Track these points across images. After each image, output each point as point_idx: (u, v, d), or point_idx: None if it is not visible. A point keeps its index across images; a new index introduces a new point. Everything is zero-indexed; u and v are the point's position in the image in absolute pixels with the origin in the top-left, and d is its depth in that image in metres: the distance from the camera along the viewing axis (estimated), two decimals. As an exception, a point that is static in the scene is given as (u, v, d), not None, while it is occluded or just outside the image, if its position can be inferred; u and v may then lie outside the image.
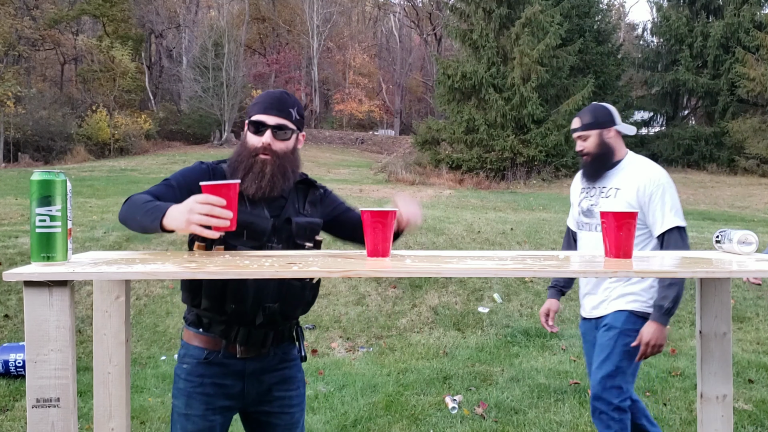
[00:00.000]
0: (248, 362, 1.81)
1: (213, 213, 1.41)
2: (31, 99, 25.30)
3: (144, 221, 1.52)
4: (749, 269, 1.25)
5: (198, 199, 1.42)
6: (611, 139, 2.56)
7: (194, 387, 1.79)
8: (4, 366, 4.11)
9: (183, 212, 1.43)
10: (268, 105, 1.77)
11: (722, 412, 1.57)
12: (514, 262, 1.36)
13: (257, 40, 41.06)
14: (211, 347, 1.79)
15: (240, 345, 1.78)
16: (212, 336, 1.79)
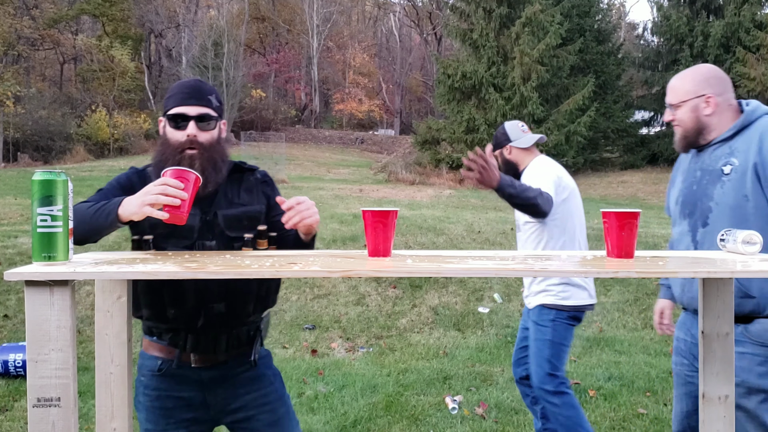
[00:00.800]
0: (204, 371, 1.70)
1: (166, 192, 1.38)
2: (31, 99, 25.30)
3: (98, 221, 1.47)
4: (753, 269, 1.24)
5: (155, 182, 1.41)
6: (511, 155, 2.87)
7: (152, 401, 1.71)
8: (4, 366, 4.11)
9: (138, 196, 1.41)
10: (186, 95, 1.67)
11: (724, 413, 1.57)
12: (515, 262, 1.36)
13: (257, 39, 41.06)
14: (165, 356, 1.70)
15: (191, 352, 1.68)
16: (165, 344, 1.70)
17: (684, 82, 2.03)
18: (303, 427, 3.44)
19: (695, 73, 2.03)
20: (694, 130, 2.00)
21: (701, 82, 1.99)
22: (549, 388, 2.67)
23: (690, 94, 2.00)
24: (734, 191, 1.86)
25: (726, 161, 1.91)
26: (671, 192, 2.18)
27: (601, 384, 4.15)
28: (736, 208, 1.86)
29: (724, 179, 1.90)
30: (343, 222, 8.56)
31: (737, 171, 1.87)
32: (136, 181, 1.71)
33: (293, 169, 20.49)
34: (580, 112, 20.05)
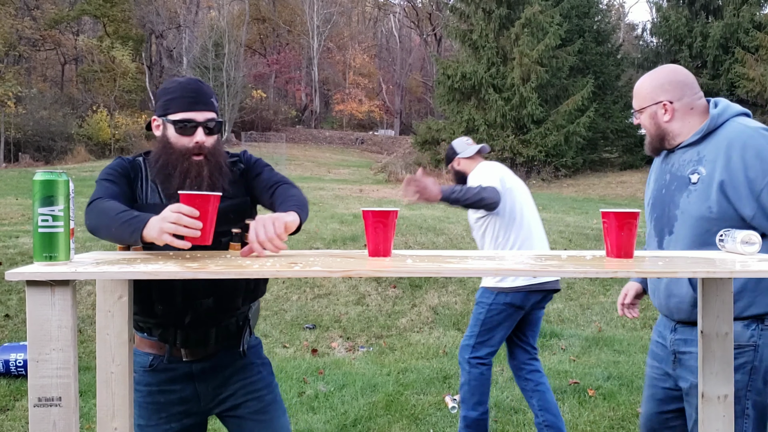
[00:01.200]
0: (194, 364, 1.72)
1: (181, 222, 1.34)
2: (32, 99, 25.33)
3: (122, 234, 1.43)
4: (752, 269, 1.25)
5: (171, 208, 1.36)
6: (459, 166, 3.21)
7: (143, 396, 1.71)
8: (5, 366, 4.11)
9: (157, 222, 1.36)
10: (192, 100, 1.64)
11: (723, 412, 1.57)
12: (515, 262, 1.36)
13: (257, 40, 41.07)
14: (156, 351, 1.71)
15: (181, 347, 1.69)
16: (155, 340, 1.71)
17: (642, 88, 2.00)
18: (303, 426, 3.44)
19: (652, 78, 1.99)
20: (657, 136, 1.98)
21: (656, 89, 1.95)
22: (465, 356, 3.05)
23: (647, 100, 1.97)
24: (699, 202, 1.82)
25: (693, 169, 1.87)
26: (647, 193, 2.16)
27: (600, 383, 4.16)
28: (699, 219, 1.83)
29: (690, 188, 1.86)
30: (343, 222, 8.56)
31: (704, 182, 1.83)
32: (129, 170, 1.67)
33: (293, 170, 20.51)
34: (580, 113, 20.06)
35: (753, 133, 1.81)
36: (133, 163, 1.71)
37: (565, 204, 14.12)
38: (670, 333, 2.00)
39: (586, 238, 8.20)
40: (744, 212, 1.78)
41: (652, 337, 2.16)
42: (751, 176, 1.76)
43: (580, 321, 5.70)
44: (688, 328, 1.94)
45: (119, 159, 1.73)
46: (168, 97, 1.66)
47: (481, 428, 3.09)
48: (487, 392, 3.08)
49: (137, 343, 1.74)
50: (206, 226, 1.38)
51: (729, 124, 1.86)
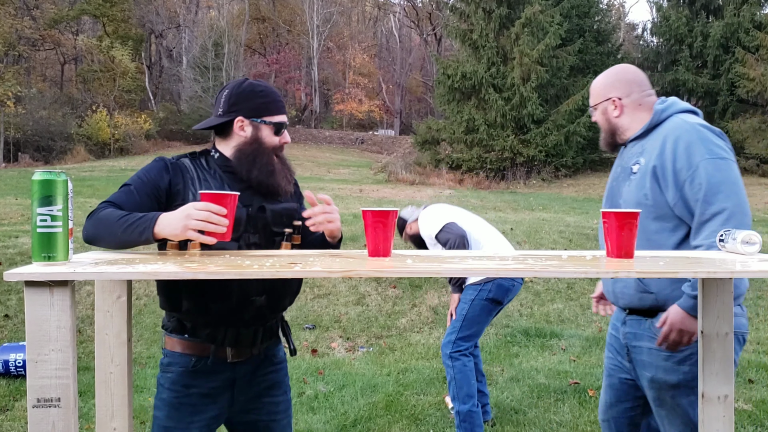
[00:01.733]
0: (238, 366, 1.74)
1: (211, 219, 1.40)
2: (31, 99, 25.33)
3: (129, 236, 1.46)
4: (752, 269, 1.24)
5: (197, 206, 1.41)
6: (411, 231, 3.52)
7: (179, 398, 1.70)
8: (4, 366, 4.11)
9: (179, 218, 1.41)
10: (282, 104, 1.81)
11: (724, 412, 1.57)
12: (515, 262, 1.36)
13: (257, 40, 41.07)
14: (198, 353, 1.70)
15: (230, 347, 1.71)
16: (199, 341, 1.70)
17: (596, 86, 2.11)
18: (303, 426, 3.44)
19: (605, 76, 2.10)
20: (608, 131, 2.09)
21: (607, 86, 2.07)
22: (447, 351, 3.25)
23: (600, 97, 2.08)
24: (636, 190, 1.93)
25: (636, 160, 1.98)
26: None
27: (600, 384, 4.15)
28: (636, 206, 1.90)
29: (631, 178, 1.97)
30: (343, 222, 8.55)
31: (641, 171, 1.93)
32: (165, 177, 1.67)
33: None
34: (580, 113, 20.05)
35: (689, 128, 1.89)
36: (177, 166, 1.71)
37: (565, 204, 14.12)
38: (622, 325, 2.07)
39: (586, 238, 8.19)
40: (669, 200, 1.87)
41: (608, 330, 2.24)
42: (678, 167, 1.85)
43: (581, 321, 5.70)
44: (637, 320, 1.99)
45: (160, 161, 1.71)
46: (262, 100, 1.76)
47: (475, 420, 3.15)
48: (473, 384, 3.24)
49: (171, 345, 1.73)
50: (230, 223, 1.45)
51: (672, 119, 1.96)
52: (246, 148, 1.74)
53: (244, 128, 1.75)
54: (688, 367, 1.88)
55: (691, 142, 1.86)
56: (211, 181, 1.71)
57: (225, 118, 1.74)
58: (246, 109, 1.74)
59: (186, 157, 1.76)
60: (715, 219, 1.78)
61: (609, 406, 2.18)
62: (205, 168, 1.73)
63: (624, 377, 2.11)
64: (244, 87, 1.76)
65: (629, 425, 2.17)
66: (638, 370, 2.01)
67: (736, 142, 21.23)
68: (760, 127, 20.59)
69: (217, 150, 1.78)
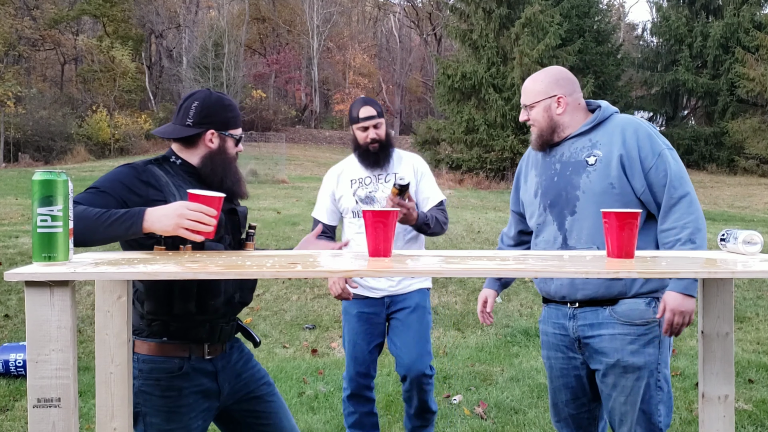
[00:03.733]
0: (215, 361, 1.83)
1: (203, 220, 1.49)
2: (32, 99, 25.32)
3: (115, 231, 1.49)
4: (753, 270, 1.24)
5: (190, 206, 1.50)
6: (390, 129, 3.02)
7: (175, 400, 1.74)
8: (4, 366, 4.11)
9: (171, 215, 1.48)
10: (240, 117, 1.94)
11: (724, 413, 1.57)
12: (515, 262, 1.36)
13: (257, 40, 41.07)
14: (179, 355, 1.75)
15: (208, 344, 1.79)
16: (178, 343, 1.75)
17: (536, 84, 2.15)
18: (303, 426, 3.44)
19: (546, 75, 2.15)
20: (549, 128, 2.13)
21: (551, 84, 2.12)
22: (429, 372, 2.79)
23: (542, 94, 2.12)
24: (600, 180, 2.00)
25: (589, 153, 2.05)
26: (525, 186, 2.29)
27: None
28: (602, 195, 1.99)
29: (589, 169, 2.03)
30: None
31: (602, 161, 2.02)
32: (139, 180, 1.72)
33: (293, 170, 20.51)
34: (580, 113, 20.03)
35: (640, 121, 2.08)
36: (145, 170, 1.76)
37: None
38: (570, 320, 2.11)
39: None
40: (635, 187, 1.98)
41: (543, 329, 2.27)
42: (642, 155, 1.98)
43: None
44: (592, 311, 2.05)
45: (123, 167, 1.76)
46: (230, 114, 1.88)
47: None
48: None
49: (149, 350, 1.73)
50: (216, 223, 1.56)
51: (616, 116, 2.11)
52: (216, 158, 1.85)
53: (213, 140, 1.86)
54: (652, 349, 1.98)
55: (650, 133, 2.02)
56: (185, 186, 1.77)
57: (196, 130, 1.82)
58: (217, 122, 1.85)
59: (151, 164, 1.81)
60: (682, 202, 1.95)
61: (564, 404, 2.22)
62: (171, 173, 1.81)
63: (578, 373, 2.16)
64: (213, 100, 1.86)
65: (589, 419, 2.22)
66: (596, 359, 2.05)
67: (736, 142, 21.27)
68: (760, 127, 20.61)
69: (178, 157, 1.86)
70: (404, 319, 2.79)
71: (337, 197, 2.85)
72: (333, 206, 2.87)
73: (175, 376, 1.74)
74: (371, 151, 2.73)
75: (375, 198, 2.79)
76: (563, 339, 2.16)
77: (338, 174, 2.88)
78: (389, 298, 2.82)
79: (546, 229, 2.15)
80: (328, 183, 2.89)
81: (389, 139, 2.80)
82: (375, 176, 2.81)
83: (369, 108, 2.73)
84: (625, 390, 2.00)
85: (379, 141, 2.73)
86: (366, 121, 2.72)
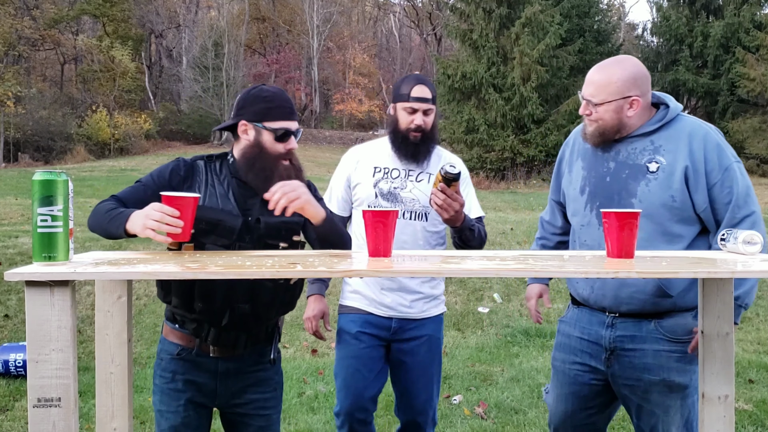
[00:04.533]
0: (221, 362, 1.81)
1: (164, 220, 1.46)
2: (31, 99, 25.32)
3: (110, 228, 1.58)
4: (753, 269, 1.24)
5: (154, 207, 1.48)
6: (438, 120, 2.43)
7: (167, 383, 1.80)
8: (4, 366, 4.10)
9: (141, 216, 1.49)
10: (288, 110, 1.77)
11: (724, 413, 1.57)
12: (515, 262, 1.36)
13: (257, 40, 41.06)
14: (185, 344, 1.80)
15: (212, 344, 1.78)
16: (186, 333, 1.79)
17: (611, 80, 1.88)
18: (303, 426, 3.44)
19: (623, 70, 1.88)
20: (613, 128, 1.90)
21: (629, 83, 1.86)
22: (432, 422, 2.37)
23: (616, 94, 1.87)
24: (661, 191, 1.82)
25: (651, 158, 1.86)
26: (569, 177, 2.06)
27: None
28: (661, 207, 1.83)
29: (649, 177, 1.85)
30: (343, 222, 8.55)
31: (665, 170, 1.83)
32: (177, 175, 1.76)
33: (293, 170, 20.46)
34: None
35: (709, 129, 1.88)
36: (192, 166, 1.79)
37: (565, 204, 14.10)
38: (606, 329, 1.94)
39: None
40: (697, 202, 1.81)
41: (565, 331, 2.08)
42: (708, 168, 1.81)
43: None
44: (632, 323, 1.89)
45: (176, 161, 1.81)
46: (265, 105, 1.76)
47: None
48: None
49: (166, 333, 1.84)
50: (186, 224, 1.49)
51: (683, 119, 1.90)
52: (248, 151, 1.76)
53: (247, 132, 1.77)
54: (696, 366, 1.84)
55: (719, 144, 1.85)
56: (218, 187, 1.76)
57: (232, 122, 1.79)
58: (249, 112, 1.76)
59: (202, 159, 1.82)
60: (745, 222, 1.79)
61: (571, 414, 2.05)
62: (216, 173, 1.78)
63: (593, 382, 1.99)
64: (252, 92, 1.80)
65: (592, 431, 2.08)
66: (633, 375, 1.89)
67: (736, 142, 21.24)
68: (760, 127, 20.60)
69: (233, 155, 1.82)
70: (414, 355, 2.28)
71: (353, 184, 2.32)
72: (347, 194, 2.34)
73: (173, 359, 1.80)
74: (411, 141, 2.22)
75: (400, 197, 2.26)
76: (590, 346, 1.97)
77: (359, 156, 2.36)
78: (398, 322, 2.27)
79: (589, 232, 1.96)
80: (345, 165, 2.37)
81: (435, 132, 2.29)
82: (406, 171, 2.29)
83: (424, 88, 2.22)
84: (670, 409, 1.88)
85: (423, 131, 2.23)
86: (418, 102, 2.20)
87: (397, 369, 2.31)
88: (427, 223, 2.28)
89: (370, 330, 2.27)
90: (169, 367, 1.80)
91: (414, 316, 2.28)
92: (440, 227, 2.31)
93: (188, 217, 1.50)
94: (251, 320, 1.77)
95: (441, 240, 2.35)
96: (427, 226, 2.28)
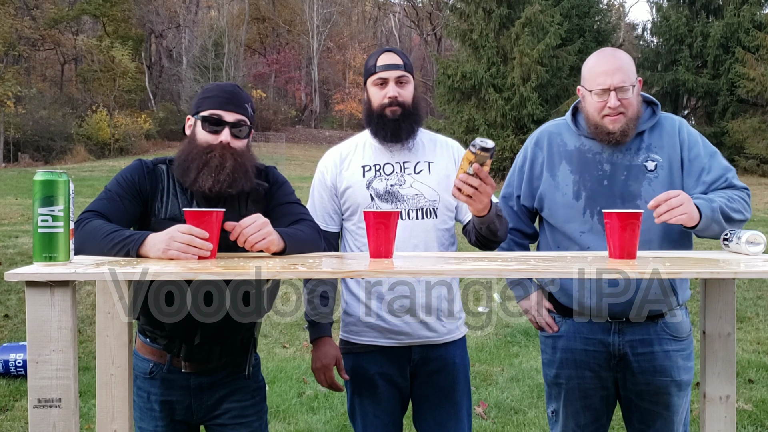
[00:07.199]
0: (193, 377, 1.72)
1: (193, 243, 1.36)
2: (31, 99, 25.33)
3: (113, 253, 1.42)
4: (756, 270, 1.24)
5: (181, 229, 1.37)
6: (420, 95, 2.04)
7: (144, 402, 1.73)
8: (4, 366, 4.10)
9: (163, 240, 1.37)
10: (225, 100, 1.63)
11: (725, 413, 1.57)
12: (515, 262, 1.36)
13: (257, 40, 41.06)
14: (156, 359, 1.71)
15: (184, 360, 1.70)
16: (158, 348, 1.71)
17: (626, 61, 1.78)
18: (303, 426, 3.44)
19: (625, 54, 1.83)
20: (634, 119, 1.79)
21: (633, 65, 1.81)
22: None
23: (632, 77, 1.78)
24: (664, 188, 1.75)
25: (646, 157, 1.82)
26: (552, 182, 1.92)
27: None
28: None
29: (650, 176, 1.80)
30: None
31: (663, 168, 1.81)
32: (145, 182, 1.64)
33: (293, 170, 20.51)
34: (580, 113, 20.03)
35: (680, 118, 1.90)
36: (154, 171, 1.67)
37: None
38: (612, 336, 1.86)
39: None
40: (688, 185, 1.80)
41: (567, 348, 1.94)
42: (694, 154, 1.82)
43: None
44: (639, 326, 1.85)
45: (138, 164, 1.68)
46: (204, 95, 1.67)
47: None
48: None
49: (138, 347, 1.75)
50: (213, 243, 1.40)
51: (666, 117, 1.89)
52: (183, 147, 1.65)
53: (191, 128, 1.67)
54: (692, 362, 1.89)
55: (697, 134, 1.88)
56: (180, 197, 1.65)
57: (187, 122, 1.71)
58: (193, 106, 1.67)
59: (163, 163, 1.70)
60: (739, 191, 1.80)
61: (583, 427, 1.97)
62: (178, 179, 1.66)
63: (605, 393, 1.93)
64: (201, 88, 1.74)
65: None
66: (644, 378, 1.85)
67: (736, 142, 21.25)
68: (760, 127, 20.60)
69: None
70: (440, 388, 1.94)
71: (341, 189, 1.94)
72: (334, 204, 1.97)
73: (147, 379, 1.72)
74: (389, 118, 1.85)
75: (400, 195, 1.91)
76: (597, 356, 1.89)
77: (340, 157, 1.97)
78: (418, 350, 1.93)
79: (593, 237, 1.85)
80: (324, 171, 1.98)
81: (417, 107, 1.93)
82: (401, 164, 1.93)
83: (392, 55, 1.89)
84: (677, 409, 1.86)
85: (402, 105, 1.86)
86: (387, 70, 1.85)
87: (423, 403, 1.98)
88: (437, 221, 1.96)
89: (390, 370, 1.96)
90: (144, 386, 1.72)
91: (434, 341, 1.94)
92: (450, 224, 2.02)
93: (215, 233, 1.39)
94: (225, 332, 1.69)
95: (452, 239, 2.07)
96: (437, 224, 1.96)
